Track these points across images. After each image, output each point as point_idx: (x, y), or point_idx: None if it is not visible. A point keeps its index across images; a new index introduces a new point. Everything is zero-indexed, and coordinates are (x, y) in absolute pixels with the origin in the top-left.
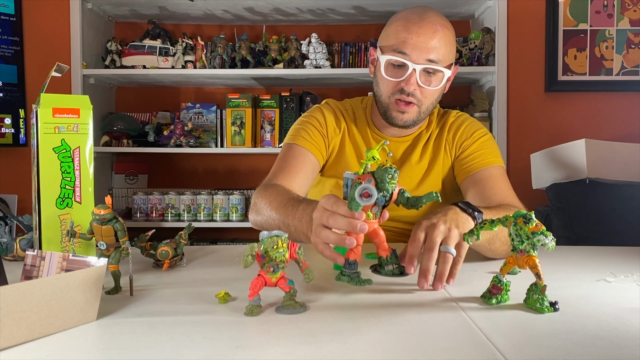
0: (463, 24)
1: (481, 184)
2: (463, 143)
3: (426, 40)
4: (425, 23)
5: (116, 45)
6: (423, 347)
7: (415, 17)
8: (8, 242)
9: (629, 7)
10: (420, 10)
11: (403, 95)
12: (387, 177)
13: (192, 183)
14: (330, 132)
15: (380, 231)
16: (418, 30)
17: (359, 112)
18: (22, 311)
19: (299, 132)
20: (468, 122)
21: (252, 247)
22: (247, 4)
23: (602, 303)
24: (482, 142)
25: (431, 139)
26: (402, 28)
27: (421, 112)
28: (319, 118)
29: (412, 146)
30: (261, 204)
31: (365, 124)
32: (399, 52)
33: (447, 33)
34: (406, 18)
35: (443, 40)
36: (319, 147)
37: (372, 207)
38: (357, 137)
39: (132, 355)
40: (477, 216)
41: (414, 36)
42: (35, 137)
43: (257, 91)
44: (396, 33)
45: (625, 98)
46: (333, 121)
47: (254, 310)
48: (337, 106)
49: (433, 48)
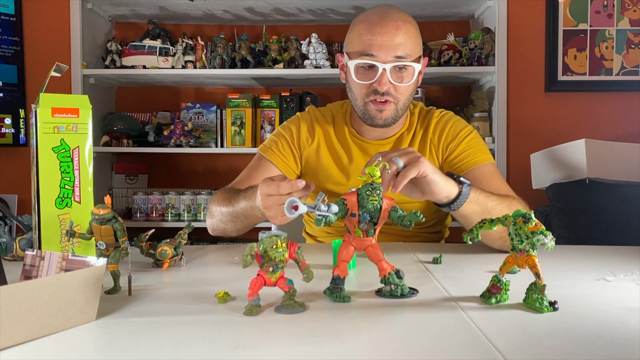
0: (463, 24)
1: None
2: (449, 145)
3: (391, 39)
4: (387, 22)
5: (116, 45)
6: (422, 346)
7: (375, 17)
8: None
9: (629, 7)
10: (379, 9)
11: (378, 96)
12: (366, 194)
13: (192, 183)
14: (302, 142)
15: (379, 250)
16: (381, 30)
17: (338, 117)
18: (21, 311)
19: (272, 144)
20: (452, 122)
21: (251, 247)
22: (247, 4)
23: (602, 302)
24: (469, 142)
25: (415, 140)
26: (365, 31)
27: (398, 109)
28: (293, 130)
29: (394, 148)
30: (212, 206)
31: (344, 128)
32: (366, 54)
33: (410, 27)
34: (367, 20)
35: (407, 35)
36: (288, 162)
37: (358, 223)
38: (335, 143)
39: (132, 355)
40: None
41: (378, 37)
42: (34, 137)
43: (257, 91)
44: (360, 37)
45: (625, 98)
46: (306, 131)
47: (253, 310)
48: (315, 114)
49: (399, 44)
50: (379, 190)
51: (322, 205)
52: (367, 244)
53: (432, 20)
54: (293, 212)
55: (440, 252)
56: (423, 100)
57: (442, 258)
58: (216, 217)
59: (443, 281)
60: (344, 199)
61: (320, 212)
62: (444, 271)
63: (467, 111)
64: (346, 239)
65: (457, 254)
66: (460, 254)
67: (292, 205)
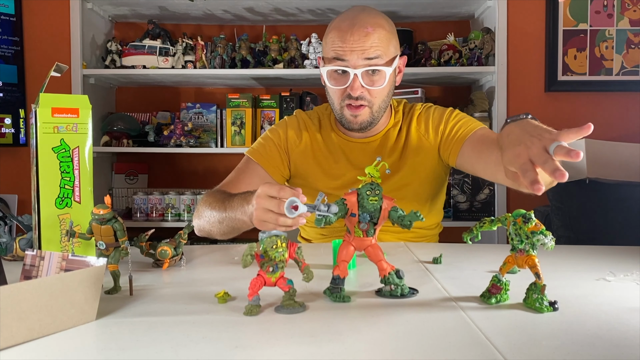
0: (463, 24)
1: (479, 145)
2: (439, 128)
3: (360, 45)
4: (357, 28)
5: (116, 45)
6: (422, 347)
7: (346, 24)
8: (8, 242)
9: (628, 7)
10: (351, 14)
11: (352, 100)
12: (366, 194)
13: (192, 183)
14: (290, 145)
15: (379, 250)
16: (350, 37)
17: (324, 119)
18: (21, 311)
19: (260, 148)
20: (434, 109)
21: (251, 247)
22: (247, 4)
23: (602, 302)
24: (456, 117)
25: (402, 135)
26: (337, 37)
27: (374, 112)
28: (280, 133)
29: (380, 146)
30: (202, 208)
31: (330, 129)
32: (337, 59)
33: (381, 30)
34: (338, 27)
35: (378, 39)
36: (276, 166)
37: (358, 223)
38: (322, 144)
39: (132, 355)
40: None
41: (348, 43)
42: (34, 137)
43: (257, 91)
44: (332, 43)
45: (625, 98)
46: (294, 134)
47: (253, 310)
48: (302, 117)
49: (369, 48)
50: (378, 190)
51: (322, 205)
52: (367, 244)
53: (432, 20)
54: (293, 212)
55: (440, 252)
56: (423, 100)
57: (442, 258)
58: (204, 218)
59: (443, 281)
60: (344, 199)
61: (320, 212)
62: (444, 271)
63: (467, 111)
64: (346, 239)
65: (457, 254)
66: (460, 254)
67: (292, 205)
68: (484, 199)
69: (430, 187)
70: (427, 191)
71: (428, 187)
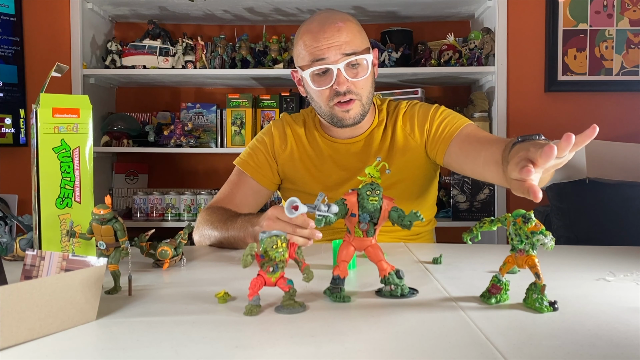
0: (463, 24)
1: (466, 143)
2: (424, 126)
3: (335, 40)
4: (327, 27)
5: (116, 45)
6: (422, 347)
7: (315, 26)
8: (8, 242)
9: (628, 7)
10: (317, 17)
11: (340, 97)
12: (366, 194)
13: (192, 183)
14: (276, 150)
15: (379, 250)
16: (323, 36)
17: (309, 121)
18: (21, 311)
19: (248, 158)
20: (419, 107)
21: (251, 247)
22: (247, 4)
23: (602, 302)
24: (441, 114)
25: (387, 134)
26: (310, 41)
27: (364, 104)
28: (266, 140)
29: (365, 146)
30: (203, 226)
31: (314, 130)
32: (316, 61)
33: (350, 24)
34: (309, 31)
35: (351, 33)
36: (266, 175)
37: (358, 223)
38: (307, 146)
39: (132, 355)
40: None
41: (323, 41)
42: (35, 137)
43: (257, 91)
44: (306, 47)
45: (625, 98)
46: (278, 137)
47: (253, 310)
48: (287, 120)
49: (344, 42)
50: (379, 190)
51: (322, 205)
52: (367, 244)
53: (432, 20)
54: (293, 212)
55: (440, 253)
56: (423, 100)
57: (442, 258)
58: (205, 237)
59: (443, 281)
60: (344, 199)
61: (320, 212)
62: (444, 271)
63: (467, 111)
64: (346, 239)
65: (457, 254)
66: (460, 254)
67: (292, 206)
68: (484, 199)
69: (419, 185)
70: (416, 190)
71: (417, 185)
